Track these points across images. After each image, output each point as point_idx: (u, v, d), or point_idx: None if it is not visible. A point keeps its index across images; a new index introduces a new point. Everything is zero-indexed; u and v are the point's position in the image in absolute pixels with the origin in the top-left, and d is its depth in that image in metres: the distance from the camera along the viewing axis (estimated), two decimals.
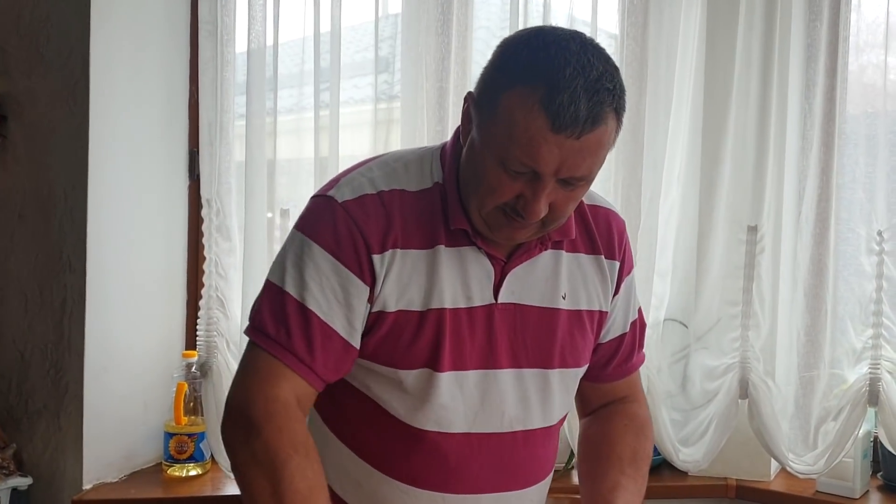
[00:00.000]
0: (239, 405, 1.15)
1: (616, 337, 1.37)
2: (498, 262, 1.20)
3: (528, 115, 1.03)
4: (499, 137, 1.06)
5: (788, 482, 2.08)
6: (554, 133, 1.03)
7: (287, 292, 1.15)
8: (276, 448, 1.10)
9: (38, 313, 2.00)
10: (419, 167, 1.21)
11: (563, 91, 1.01)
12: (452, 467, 1.21)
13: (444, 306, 1.17)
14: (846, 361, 2.00)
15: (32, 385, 2.01)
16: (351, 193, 1.17)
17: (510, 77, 1.06)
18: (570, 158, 1.05)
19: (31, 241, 2.01)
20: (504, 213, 1.11)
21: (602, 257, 1.29)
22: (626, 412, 1.39)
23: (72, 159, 1.96)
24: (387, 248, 1.15)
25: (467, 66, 2.08)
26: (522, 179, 1.07)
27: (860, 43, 2.03)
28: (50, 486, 1.98)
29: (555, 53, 1.04)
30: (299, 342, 1.14)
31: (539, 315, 1.23)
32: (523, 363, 1.23)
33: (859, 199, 2.01)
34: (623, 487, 1.26)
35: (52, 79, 1.98)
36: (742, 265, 2.04)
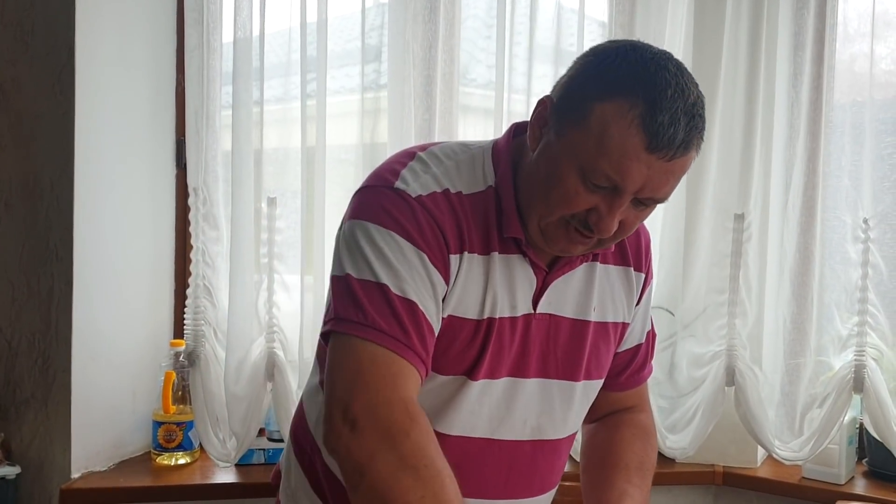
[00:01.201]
0: (370, 407, 1.01)
1: (633, 347, 1.37)
2: (540, 272, 1.18)
3: (626, 130, 1.00)
4: (587, 147, 1.03)
5: (775, 469, 2.10)
6: (648, 152, 1.01)
7: (385, 285, 1.06)
8: (428, 451, 0.99)
9: (26, 302, 2.00)
10: (471, 168, 1.16)
11: (664, 111, 1.00)
12: (469, 471, 1.20)
13: (495, 315, 1.14)
14: (832, 349, 2.01)
15: (20, 374, 2.01)
16: (421, 189, 1.11)
17: (607, 88, 1.03)
18: (656, 180, 1.03)
19: (18, 229, 2.00)
20: (567, 224, 1.09)
21: (631, 269, 1.29)
22: (634, 421, 1.39)
23: (58, 148, 1.95)
24: (460, 249, 1.12)
25: (454, 54, 2.08)
26: (600, 193, 1.05)
27: (849, 32, 2.03)
28: (38, 475, 1.98)
29: (655, 72, 1.02)
30: (415, 336, 1.06)
31: (571, 327, 1.23)
32: (552, 374, 1.22)
33: (845, 187, 2.01)
34: (630, 496, 1.25)
35: (37, 67, 1.97)
36: (729, 253, 2.05)
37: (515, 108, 2.12)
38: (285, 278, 2.06)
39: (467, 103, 2.21)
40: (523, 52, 2.12)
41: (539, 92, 2.13)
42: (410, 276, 1.07)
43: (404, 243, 1.08)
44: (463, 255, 1.11)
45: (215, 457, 2.05)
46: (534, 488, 1.27)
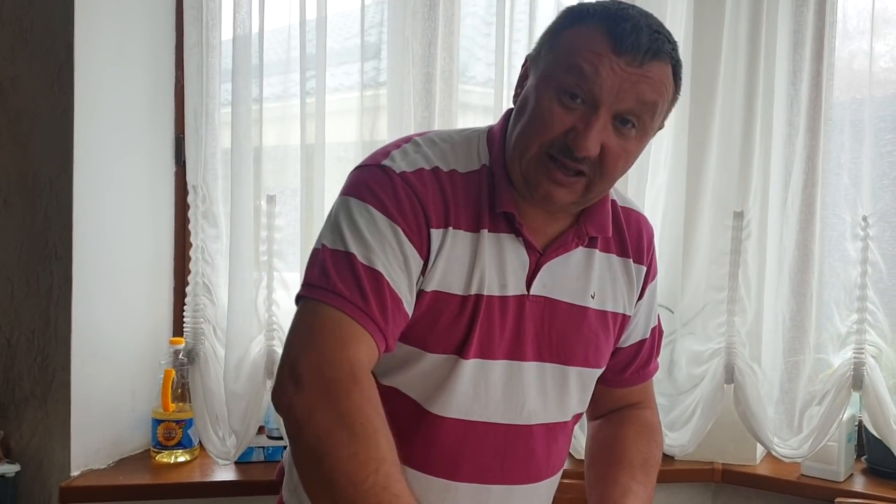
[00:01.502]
0: (315, 366, 1.03)
1: (637, 342, 1.37)
2: (534, 253, 1.19)
3: (590, 41, 1.06)
4: (558, 65, 1.08)
5: (774, 466, 2.10)
6: (615, 55, 1.04)
7: (353, 254, 1.08)
8: (367, 412, 1.00)
9: (25, 300, 2.00)
10: (466, 148, 1.19)
11: (626, 21, 1.06)
12: (466, 455, 1.20)
13: (483, 292, 1.15)
14: (831, 346, 2.02)
15: (19, 372, 2.01)
16: (407, 166, 1.14)
17: (573, 18, 1.10)
18: (628, 87, 1.05)
19: (17, 228, 2.00)
20: (550, 158, 1.09)
21: (631, 261, 1.29)
22: (639, 418, 1.39)
23: (57, 145, 1.95)
24: (444, 224, 1.13)
25: (454, 51, 2.07)
26: (577, 112, 1.07)
27: (849, 30, 2.04)
28: (38, 472, 1.98)
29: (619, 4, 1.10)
30: (375, 304, 1.07)
31: (568, 311, 1.23)
32: (546, 357, 1.22)
33: (845, 184, 2.02)
34: (634, 493, 1.25)
35: (36, 64, 1.97)
36: (728, 251, 2.05)
37: None
38: (285, 276, 2.06)
39: (467, 101, 2.21)
40: (523, 50, 2.12)
41: None
42: (381, 247, 1.09)
43: (378, 216, 1.10)
44: (448, 231, 1.13)
45: (215, 455, 2.05)
46: (535, 473, 1.26)
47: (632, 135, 1.10)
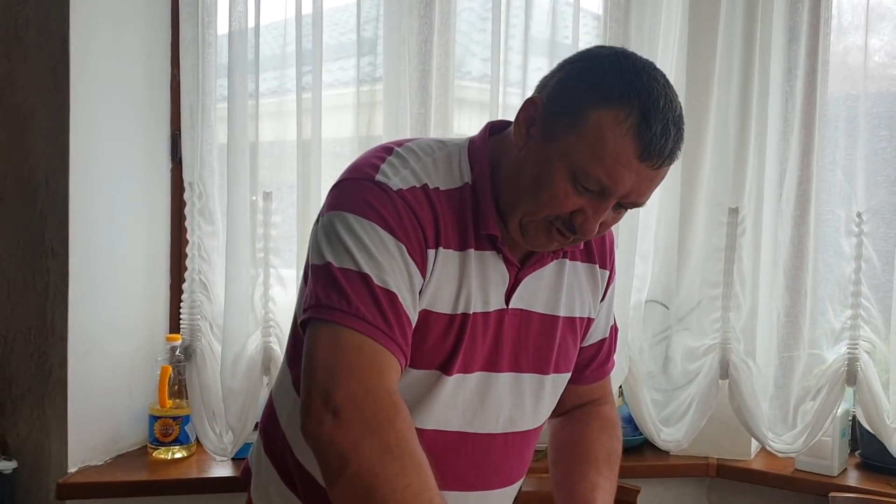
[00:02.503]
0: (355, 396, 1.01)
1: (598, 341, 1.40)
2: (513, 268, 1.21)
3: (621, 138, 1.04)
4: (581, 152, 1.06)
5: (768, 461, 2.11)
6: (639, 161, 1.05)
7: (368, 275, 1.05)
8: (412, 441, 1.01)
9: (21, 297, 1.99)
10: (447, 165, 1.17)
11: (657, 122, 1.04)
12: (443, 464, 1.18)
13: (469, 311, 1.16)
14: (825, 342, 2.03)
15: (16, 369, 2.01)
16: (402, 183, 1.12)
17: (603, 94, 1.05)
18: (642, 186, 1.08)
19: (13, 225, 2.00)
20: (550, 224, 1.12)
21: (596, 266, 1.32)
22: (600, 414, 1.43)
23: (53, 142, 1.95)
24: (436, 244, 1.13)
25: (450, 47, 2.07)
26: (588, 196, 1.09)
27: (843, 25, 2.04)
28: (35, 469, 1.99)
29: (647, 82, 1.06)
30: (396, 328, 1.06)
31: (542, 322, 1.25)
32: (524, 367, 1.24)
33: (839, 181, 2.02)
34: (601, 488, 1.29)
35: (31, 61, 1.96)
36: (723, 247, 2.06)
37: (510, 102, 2.11)
38: (281, 272, 2.06)
39: (463, 97, 2.21)
40: (518, 46, 2.12)
41: (534, 85, 2.13)
42: (391, 266, 1.07)
43: (385, 234, 1.08)
44: (439, 251, 1.13)
45: (212, 451, 2.05)
46: (505, 479, 1.29)
47: (628, 210, 1.15)
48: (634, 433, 2.16)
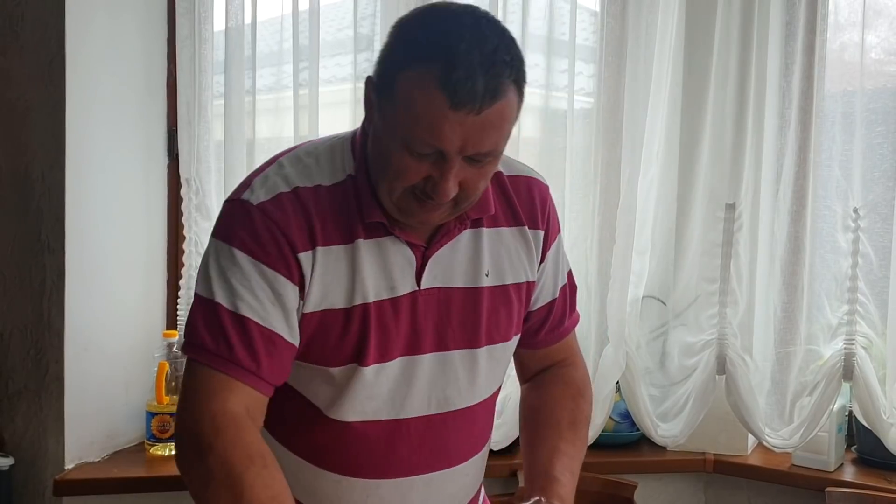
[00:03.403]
0: (187, 425, 1.10)
1: (546, 304, 1.35)
2: (418, 249, 1.18)
3: (427, 94, 1.01)
4: (400, 120, 1.05)
5: (765, 456, 2.12)
6: (454, 111, 1.01)
7: (218, 303, 1.10)
8: (232, 461, 1.05)
9: (18, 294, 1.99)
10: (330, 159, 1.17)
11: (459, 67, 1.00)
12: (382, 454, 1.21)
13: (368, 300, 1.15)
14: (822, 337, 2.03)
15: (12, 366, 2.00)
16: (266, 194, 1.13)
17: (405, 57, 1.04)
18: (474, 135, 1.03)
19: (9, 221, 1.99)
20: (414, 196, 1.09)
21: (525, 228, 1.27)
22: (563, 377, 1.39)
23: (49, 138, 1.94)
24: (310, 246, 1.12)
25: None
26: (428, 161, 1.06)
27: (840, 21, 2.04)
28: (32, 465, 1.98)
29: (447, 29, 1.03)
30: (241, 352, 1.09)
31: (464, 296, 1.22)
32: (450, 345, 1.22)
33: (836, 176, 2.03)
34: (562, 452, 1.26)
35: (27, 57, 1.96)
36: (720, 243, 2.06)
37: None
38: None
39: None
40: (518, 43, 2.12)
41: (531, 81, 2.13)
42: (247, 289, 1.10)
43: (241, 256, 1.10)
44: (317, 251, 1.12)
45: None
46: (454, 458, 1.27)
47: (487, 161, 1.09)
48: (631, 429, 2.17)
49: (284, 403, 1.20)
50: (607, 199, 2.08)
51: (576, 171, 2.14)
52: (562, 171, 2.13)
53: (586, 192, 2.14)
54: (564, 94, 2.14)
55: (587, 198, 2.13)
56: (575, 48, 2.12)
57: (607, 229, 2.08)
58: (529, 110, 2.15)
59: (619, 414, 2.16)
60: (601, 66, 2.09)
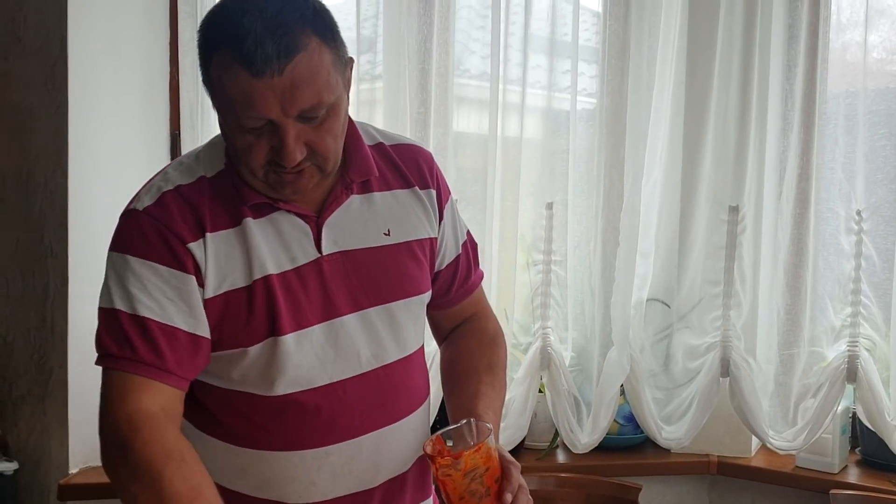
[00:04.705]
0: (107, 429, 1.14)
1: (452, 261, 1.40)
2: (311, 219, 1.23)
3: (230, 72, 1.07)
4: (224, 104, 1.11)
5: (769, 458, 2.12)
6: (257, 79, 1.06)
7: (118, 310, 1.15)
8: (150, 459, 1.09)
9: (21, 298, 1.99)
10: (210, 153, 1.23)
11: (246, 39, 1.05)
12: (326, 420, 1.23)
13: (267, 273, 1.19)
14: (825, 339, 2.03)
15: (16, 370, 2.00)
16: (150, 199, 1.19)
17: (206, 48, 1.11)
18: (287, 94, 1.07)
19: (12, 225, 1.99)
20: (274, 170, 1.14)
21: (417, 188, 1.33)
22: (476, 329, 1.45)
23: (51, 142, 1.94)
24: (200, 234, 1.17)
25: (449, 46, 2.07)
26: (266, 134, 1.11)
27: (842, 21, 2.04)
28: (36, 470, 1.98)
29: (230, 7, 1.09)
30: (144, 351, 1.14)
31: (366, 256, 1.26)
32: (364, 304, 1.26)
33: (839, 179, 2.03)
34: (482, 393, 1.31)
35: (29, 61, 1.95)
36: (724, 245, 2.07)
37: (510, 99, 2.12)
38: None
39: (462, 94, 2.21)
40: (518, 43, 2.12)
41: (534, 82, 2.14)
42: (142, 291, 1.15)
43: (133, 260, 1.16)
44: (205, 238, 1.17)
45: None
46: (397, 412, 1.30)
47: (323, 117, 1.13)
48: (636, 431, 2.17)
49: (214, 401, 1.24)
50: (611, 202, 2.09)
51: (579, 172, 2.14)
52: (564, 172, 2.13)
53: (589, 193, 2.14)
54: (567, 94, 2.14)
55: (590, 199, 2.14)
56: (578, 49, 2.12)
57: (611, 232, 2.08)
58: (532, 111, 2.15)
59: (624, 416, 2.16)
60: (604, 67, 2.09)
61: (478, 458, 1.11)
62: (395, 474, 1.29)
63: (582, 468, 2.05)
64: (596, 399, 2.10)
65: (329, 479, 1.24)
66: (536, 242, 2.14)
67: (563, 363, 2.10)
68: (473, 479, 1.12)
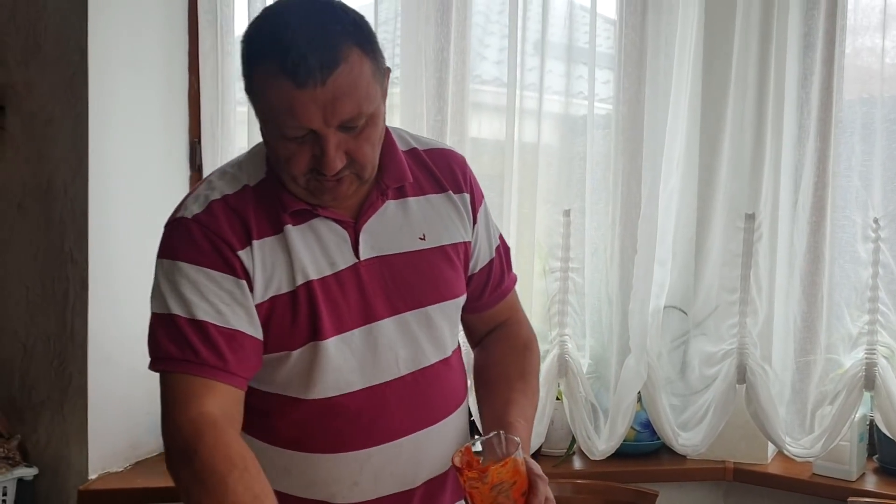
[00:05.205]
0: (170, 435, 1.15)
1: (485, 265, 1.42)
2: (348, 225, 1.26)
3: (274, 84, 1.10)
4: (267, 113, 1.14)
5: (785, 465, 2.12)
6: (300, 90, 1.09)
7: (175, 315, 1.17)
8: (213, 464, 1.10)
9: (41, 305, 2.00)
10: (252, 162, 1.27)
11: (290, 51, 1.08)
12: (366, 423, 1.26)
13: (309, 279, 1.22)
14: (842, 347, 2.03)
15: (36, 376, 2.01)
16: (198, 207, 1.21)
17: (252, 60, 1.14)
18: (329, 105, 1.11)
19: (32, 232, 2.00)
20: (314, 178, 1.17)
21: (451, 192, 1.35)
22: (509, 334, 1.46)
23: (72, 150, 1.95)
24: (247, 242, 1.20)
25: (466, 55, 2.08)
26: (307, 143, 1.14)
27: (855, 26, 2.03)
28: (56, 475, 1.99)
29: (273, 21, 1.14)
30: (206, 353, 1.16)
31: (402, 260, 1.29)
32: (401, 308, 1.28)
33: (855, 187, 2.03)
34: (514, 401, 1.32)
35: (50, 69, 1.97)
36: (740, 253, 2.07)
37: (527, 105, 2.13)
38: None
39: (479, 101, 2.21)
40: (534, 50, 2.13)
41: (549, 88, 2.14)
42: (198, 296, 1.17)
43: (187, 267, 1.18)
44: (252, 246, 1.20)
45: None
46: (435, 414, 1.32)
47: (363, 126, 1.16)
48: (652, 437, 2.17)
49: (258, 404, 1.26)
50: (628, 209, 2.09)
51: (596, 179, 2.15)
52: (581, 178, 2.14)
53: (606, 200, 2.15)
54: (583, 101, 2.15)
55: (607, 206, 2.14)
56: (595, 56, 2.12)
57: (628, 239, 2.09)
58: (548, 117, 2.16)
59: (640, 423, 2.16)
60: (620, 74, 2.10)
61: (504, 472, 1.12)
62: (435, 474, 1.32)
63: (599, 474, 2.06)
64: (613, 406, 2.10)
65: (371, 480, 1.27)
66: (553, 250, 2.15)
67: (581, 370, 2.11)
68: (500, 492, 1.12)
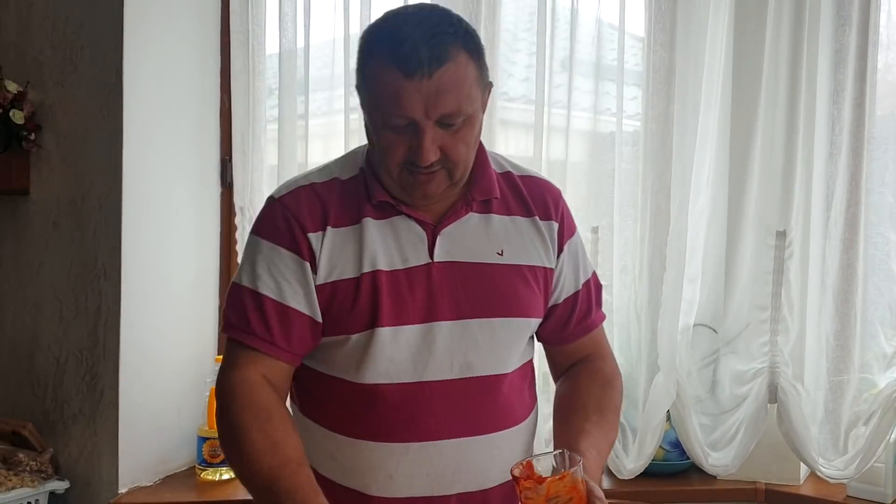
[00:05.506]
0: (217, 392, 1.29)
1: (570, 296, 1.42)
2: (428, 227, 1.31)
3: (384, 73, 1.18)
4: (373, 103, 1.22)
5: (818, 486, 2.08)
6: (408, 79, 1.16)
7: (243, 285, 1.28)
8: (241, 419, 1.22)
9: (74, 320, 2.03)
10: (348, 160, 1.36)
11: (403, 42, 1.16)
12: (406, 416, 1.28)
13: (377, 268, 1.27)
14: (876, 366, 2.00)
15: (68, 390, 2.04)
16: (286, 190, 1.32)
17: (366, 55, 1.23)
18: (432, 97, 1.17)
19: (66, 248, 2.04)
20: (408, 170, 1.23)
21: (537, 219, 1.38)
22: (591, 368, 1.46)
23: (106, 168, 1.98)
24: (322, 227, 1.28)
25: (495, 71, 2.08)
26: (406, 134, 1.20)
27: (886, 40, 2.02)
28: (87, 489, 2.01)
29: (392, 20, 1.22)
30: (256, 323, 1.26)
31: (476, 270, 1.32)
32: (467, 314, 1.30)
33: (889, 203, 2.01)
34: (587, 432, 1.31)
35: (85, 88, 2.01)
36: (771, 270, 2.05)
37: (555, 122, 2.13)
38: None
39: (506, 118, 2.22)
40: (563, 67, 2.13)
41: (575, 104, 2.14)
42: (266, 270, 1.27)
43: (263, 242, 1.29)
44: (326, 231, 1.28)
45: None
46: (485, 426, 1.32)
47: (460, 125, 1.22)
48: (682, 457, 2.15)
49: (315, 385, 1.34)
50: (657, 226, 2.08)
51: (624, 196, 2.14)
52: (610, 195, 2.13)
53: (635, 217, 2.14)
54: (611, 118, 2.15)
55: (636, 223, 2.13)
56: (623, 72, 2.12)
57: (658, 256, 2.08)
58: (577, 134, 2.16)
59: (670, 442, 2.14)
60: (648, 91, 2.10)
61: (561, 486, 1.11)
62: (474, 489, 1.32)
63: (627, 494, 2.04)
64: (642, 425, 2.08)
65: (406, 475, 1.29)
66: None
67: None
68: None
